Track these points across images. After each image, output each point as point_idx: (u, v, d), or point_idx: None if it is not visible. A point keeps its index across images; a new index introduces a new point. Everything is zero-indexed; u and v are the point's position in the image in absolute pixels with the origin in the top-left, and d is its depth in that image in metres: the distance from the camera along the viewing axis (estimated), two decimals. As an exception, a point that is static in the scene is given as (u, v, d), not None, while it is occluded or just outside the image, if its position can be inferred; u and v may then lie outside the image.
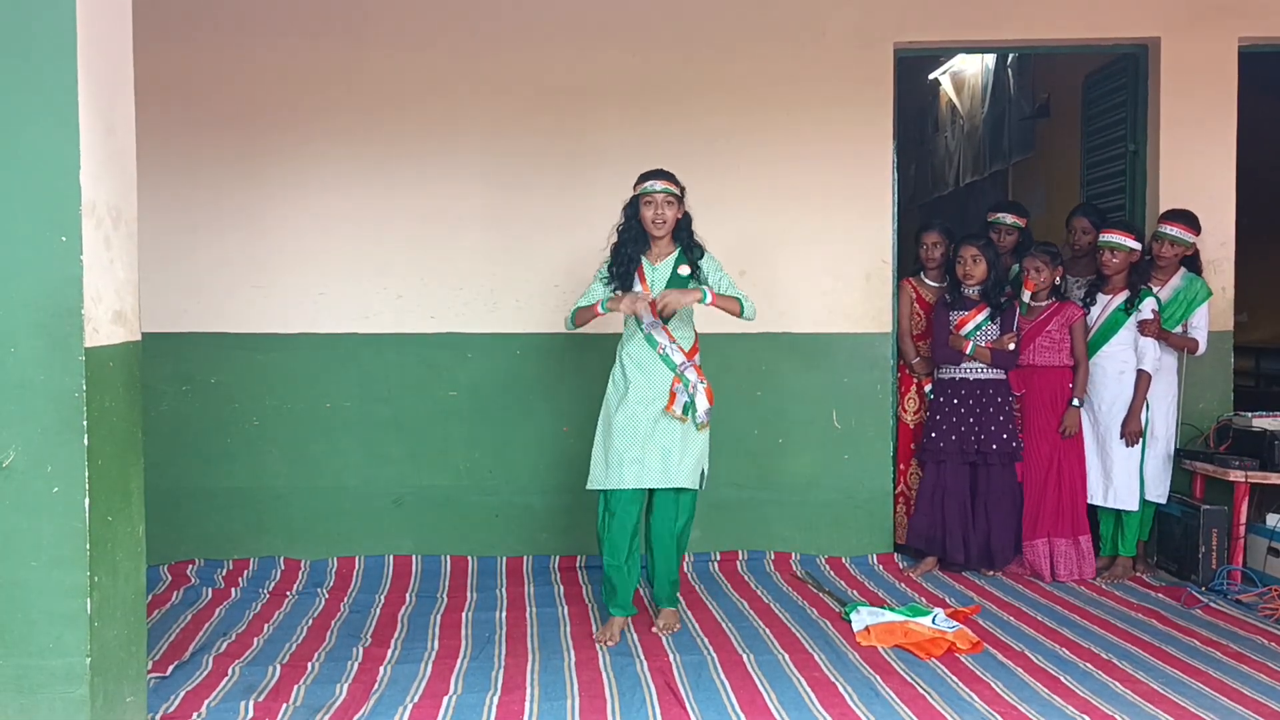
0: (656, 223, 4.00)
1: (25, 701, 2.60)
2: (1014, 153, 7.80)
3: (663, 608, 4.15)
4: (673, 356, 3.99)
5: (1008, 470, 4.85)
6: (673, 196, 4.00)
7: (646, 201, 4.00)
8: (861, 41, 5.06)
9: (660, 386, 4.00)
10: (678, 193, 4.03)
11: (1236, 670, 3.62)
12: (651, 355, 4.01)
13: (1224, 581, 4.63)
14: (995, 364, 4.80)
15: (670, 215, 4.01)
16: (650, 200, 3.99)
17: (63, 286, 2.57)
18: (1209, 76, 5.10)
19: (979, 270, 4.80)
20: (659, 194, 3.98)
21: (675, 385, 3.97)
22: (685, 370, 3.99)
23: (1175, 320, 4.86)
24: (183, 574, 4.81)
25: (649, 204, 4.00)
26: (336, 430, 5.05)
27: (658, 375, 4.01)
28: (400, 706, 3.28)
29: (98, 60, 2.67)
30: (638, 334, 4.05)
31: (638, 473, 3.92)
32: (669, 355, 3.99)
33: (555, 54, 5.04)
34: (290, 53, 4.99)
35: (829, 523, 5.12)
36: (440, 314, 5.07)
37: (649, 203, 4.00)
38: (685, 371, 3.98)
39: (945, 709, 3.26)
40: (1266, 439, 4.75)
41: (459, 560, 5.01)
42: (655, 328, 4.01)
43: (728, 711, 3.26)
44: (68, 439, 2.57)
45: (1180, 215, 4.84)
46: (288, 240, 5.03)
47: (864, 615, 4.12)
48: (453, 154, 5.05)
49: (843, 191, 5.07)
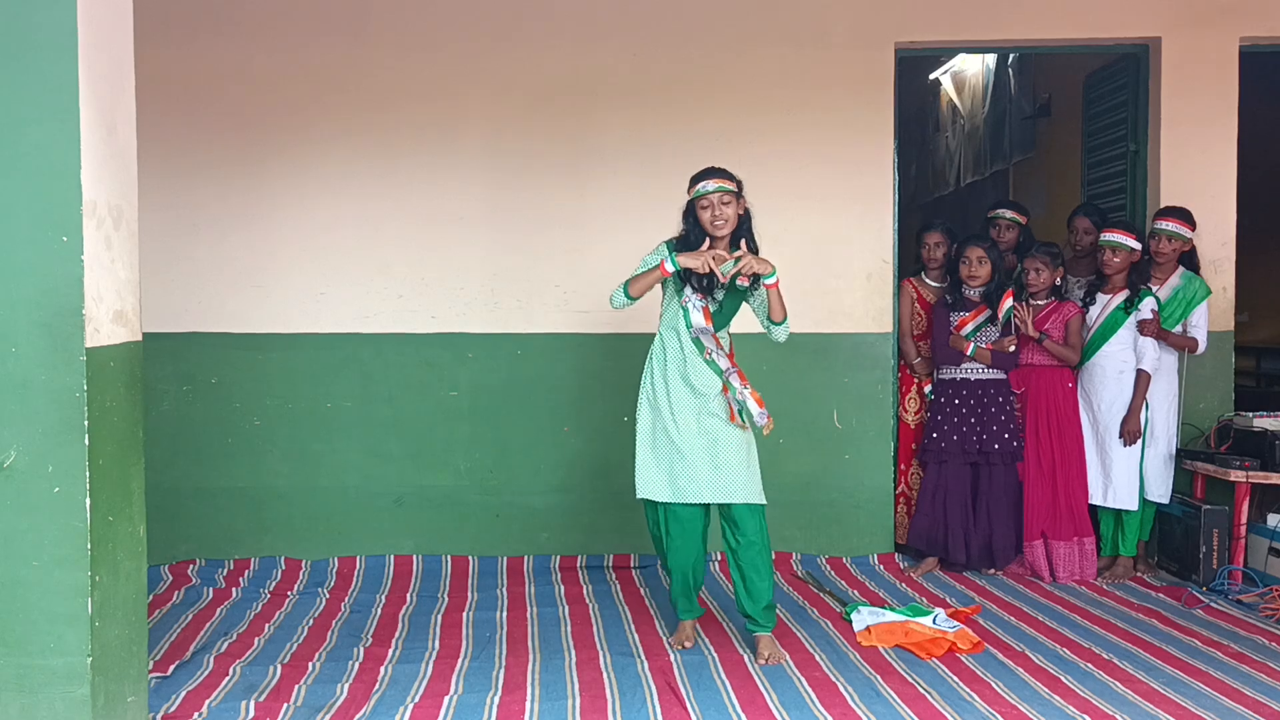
0: (716, 224, 3.74)
1: (27, 701, 2.60)
2: (1015, 153, 7.80)
3: (759, 634, 3.80)
4: (719, 361, 3.77)
5: (1009, 470, 4.85)
6: (729, 194, 3.74)
7: (703, 205, 3.75)
8: (862, 41, 5.06)
9: (710, 393, 3.76)
10: (734, 189, 3.76)
11: (1237, 670, 3.62)
12: (699, 363, 3.78)
13: (1225, 582, 4.63)
14: (996, 365, 4.80)
15: (730, 214, 3.74)
16: (707, 203, 3.75)
17: (64, 286, 2.58)
18: (1210, 76, 5.10)
19: (984, 271, 4.80)
20: (714, 194, 3.73)
21: (726, 394, 3.77)
22: (730, 377, 3.75)
23: (1174, 320, 4.86)
24: (184, 574, 4.81)
25: (705, 207, 3.75)
26: (337, 430, 5.06)
27: (706, 382, 3.77)
28: (401, 706, 3.28)
29: (99, 60, 2.67)
30: (684, 338, 3.80)
31: (708, 487, 3.72)
32: (715, 360, 3.77)
33: (556, 54, 5.04)
34: (291, 53, 5.00)
35: (830, 522, 5.12)
36: (441, 314, 5.07)
37: (705, 205, 3.75)
38: (730, 378, 3.75)
39: (946, 709, 3.26)
40: (1267, 439, 4.75)
41: (460, 560, 5.01)
42: (706, 334, 3.79)
43: (728, 711, 3.25)
44: (69, 439, 2.57)
45: (1175, 211, 4.85)
46: (289, 240, 5.04)
47: (865, 615, 4.12)
48: (453, 154, 5.06)
49: (844, 191, 5.08)
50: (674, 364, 3.79)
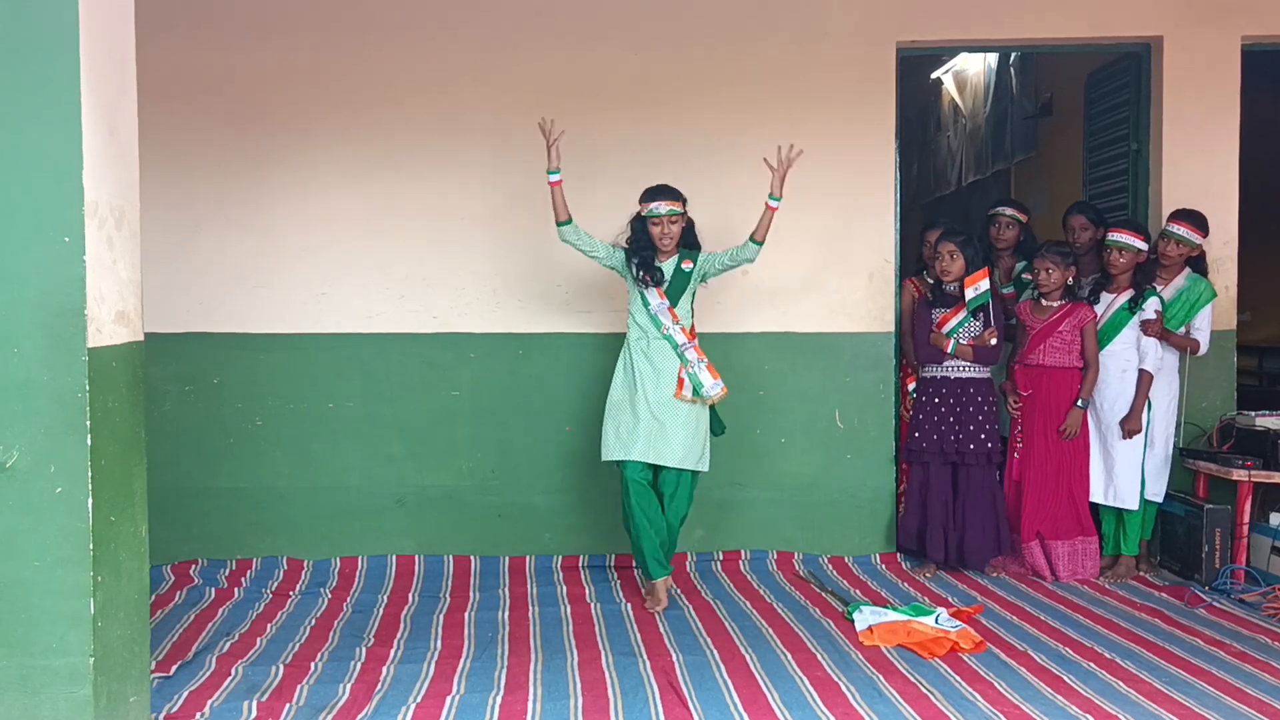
0: (663, 241, 4.33)
1: (29, 702, 2.61)
2: (1016, 152, 7.79)
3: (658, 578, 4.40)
4: (676, 336, 4.31)
5: (987, 471, 4.83)
6: (676, 215, 4.32)
7: (654, 223, 4.32)
8: (864, 41, 5.06)
9: (669, 373, 4.31)
10: (681, 210, 4.34)
11: (1240, 670, 3.62)
12: (659, 341, 4.32)
13: (1227, 581, 4.62)
14: (978, 360, 4.79)
15: (676, 231, 4.34)
16: (657, 221, 4.31)
17: (66, 287, 2.58)
18: (1212, 75, 5.10)
19: (956, 267, 4.75)
20: (664, 215, 4.30)
21: (682, 371, 4.30)
22: (685, 350, 4.30)
23: (1178, 320, 4.85)
24: (186, 574, 4.82)
25: (655, 224, 4.31)
26: (339, 430, 5.06)
27: (666, 363, 4.32)
28: (403, 706, 3.29)
29: (100, 60, 2.67)
30: (646, 316, 4.34)
31: (644, 448, 4.26)
32: (672, 335, 4.31)
33: (558, 53, 5.04)
34: (292, 53, 5.00)
35: (832, 522, 5.12)
36: (442, 314, 5.07)
37: (655, 223, 4.31)
38: (685, 351, 4.30)
39: (948, 708, 3.25)
40: (1270, 438, 4.74)
41: (462, 560, 5.01)
42: (663, 309, 4.32)
43: (730, 711, 3.25)
44: (71, 439, 2.58)
45: (1188, 215, 4.82)
46: (290, 240, 5.04)
47: (867, 615, 4.12)
48: (455, 153, 5.06)
49: (845, 191, 5.07)
50: (637, 343, 4.36)
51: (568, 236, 4.36)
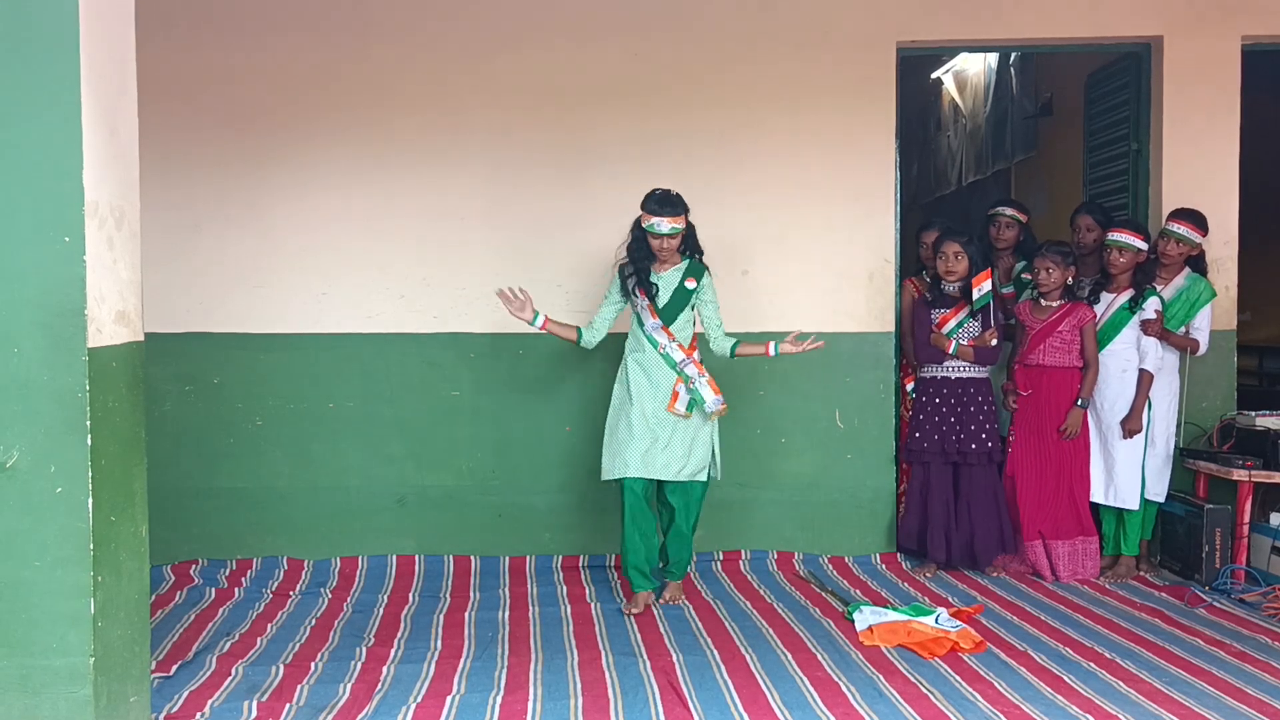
0: (663, 253, 4.30)
1: (29, 702, 2.61)
2: (1016, 152, 7.79)
3: (671, 581, 4.48)
4: (673, 354, 4.28)
5: (988, 470, 4.83)
6: (678, 233, 4.25)
7: (654, 236, 4.26)
8: (864, 41, 5.06)
9: (664, 386, 4.28)
10: (683, 227, 4.26)
11: (1240, 670, 3.62)
12: (655, 356, 4.29)
13: (1228, 581, 4.62)
14: (979, 360, 4.79)
15: (675, 244, 4.29)
16: (657, 237, 4.25)
17: (66, 287, 2.58)
18: (1212, 75, 5.10)
19: (960, 267, 4.76)
20: (665, 234, 4.23)
21: (678, 385, 4.27)
22: (685, 367, 4.28)
23: (1178, 320, 4.85)
24: (186, 574, 4.82)
25: (656, 238, 4.26)
26: (339, 430, 5.06)
27: (662, 375, 4.29)
28: (403, 706, 3.29)
29: (100, 60, 2.67)
30: (642, 335, 4.31)
31: (640, 464, 4.24)
32: (669, 354, 4.28)
33: (559, 54, 5.04)
34: (293, 53, 5.00)
35: (832, 522, 5.12)
36: (443, 314, 5.07)
37: (656, 238, 4.26)
38: (685, 368, 4.28)
39: (949, 708, 3.25)
40: (1270, 438, 4.74)
41: (462, 560, 5.01)
42: (657, 329, 4.28)
43: (730, 711, 3.25)
44: (71, 439, 2.58)
45: (1188, 214, 4.82)
46: (290, 240, 5.04)
47: (867, 615, 4.12)
48: (455, 153, 5.05)
49: (845, 191, 5.07)
50: (633, 354, 4.35)
51: (592, 341, 4.46)
